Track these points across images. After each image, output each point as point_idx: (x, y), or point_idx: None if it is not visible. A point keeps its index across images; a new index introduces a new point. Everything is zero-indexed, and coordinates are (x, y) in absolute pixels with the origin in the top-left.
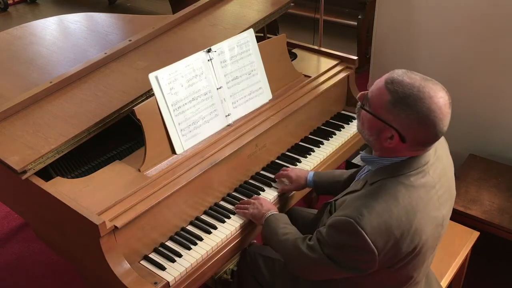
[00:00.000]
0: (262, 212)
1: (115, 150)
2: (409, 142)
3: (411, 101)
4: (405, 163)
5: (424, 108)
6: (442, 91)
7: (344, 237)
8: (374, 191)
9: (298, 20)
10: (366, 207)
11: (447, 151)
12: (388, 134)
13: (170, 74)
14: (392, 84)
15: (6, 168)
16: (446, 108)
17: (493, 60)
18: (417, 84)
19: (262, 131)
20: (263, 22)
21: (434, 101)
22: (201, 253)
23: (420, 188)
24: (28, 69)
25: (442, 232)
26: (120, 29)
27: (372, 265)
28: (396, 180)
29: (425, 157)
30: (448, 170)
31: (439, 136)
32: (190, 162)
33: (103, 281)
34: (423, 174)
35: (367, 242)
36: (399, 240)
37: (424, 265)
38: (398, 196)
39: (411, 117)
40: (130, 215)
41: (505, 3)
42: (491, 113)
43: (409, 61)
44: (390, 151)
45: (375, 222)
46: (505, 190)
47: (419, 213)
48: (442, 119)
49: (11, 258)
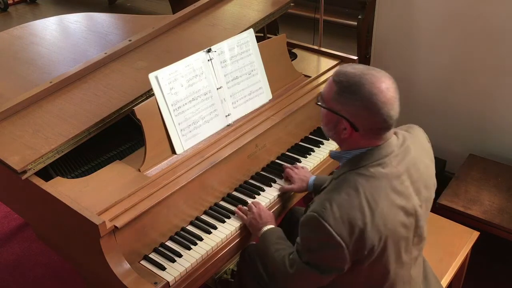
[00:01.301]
0: (260, 226)
1: (115, 150)
2: (362, 130)
3: (354, 88)
4: (364, 155)
5: (366, 93)
6: (384, 76)
7: (313, 234)
8: (337, 185)
9: (298, 20)
10: (328, 200)
11: (422, 144)
12: (342, 126)
13: (170, 74)
14: (338, 76)
15: (6, 168)
16: (390, 92)
17: (493, 60)
18: (359, 72)
19: (262, 131)
20: (263, 22)
21: (376, 85)
22: (201, 253)
23: (381, 178)
24: (28, 69)
25: (419, 223)
26: (120, 29)
27: (344, 261)
28: (357, 172)
29: (387, 149)
30: (420, 161)
31: (389, 122)
32: (190, 162)
33: (103, 281)
34: (384, 165)
35: (332, 235)
36: (364, 230)
37: (401, 258)
38: (359, 187)
39: (356, 104)
40: (130, 215)
41: (505, 3)
42: (491, 113)
43: (409, 61)
44: (349, 143)
45: (337, 214)
46: (505, 190)
47: (381, 202)
48: (386, 103)
49: (11, 258)
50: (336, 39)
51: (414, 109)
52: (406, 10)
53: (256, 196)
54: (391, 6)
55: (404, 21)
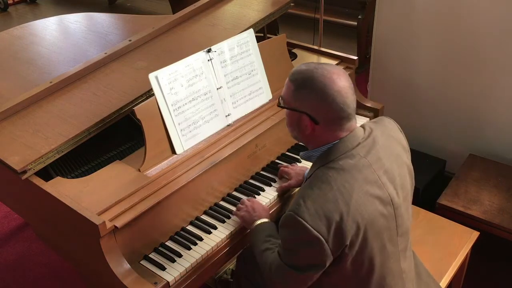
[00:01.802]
0: (253, 219)
1: (115, 150)
2: (322, 122)
3: (308, 83)
4: (331, 150)
5: (319, 84)
6: (335, 68)
7: (291, 234)
8: (309, 182)
9: (298, 20)
10: (302, 197)
11: (391, 133)
12: (304, 122)
13: (170, 74)
14: (293, 75)
15: (6, 168)
16: (342, 82)
17: (493, 60)
18: (312, 67)
19: (262, 131)
20: (263, 22)
21: (327, 76)
22: (201, 253)
23: (351, 169)
24: (28, 69)
25: (398, 212)
26: (120, 29)
27: (325, 256)
28: (327, 167)
29: (352, 141)
30: (389, 150)
31: (347, 110)
32: (190, 162)
33: (103, 281)
34: (352, 157)
35: (309, 230)
36: (341, 223)
37: (386, 249)
38: (330, 180)
39: (311, 97)
40: (130, 215)
41: (505, 3)
42: (491, 113)
43: (409, 61)
44: (314, 139)
45: (312, 209)
46: (505, 190)
47: (354, 193)
48: (340, 91)
49: (11, 258)
50: (336, 39)
51: (414, 109)
52: (406, 10)
53: (256, 196)
54: (391, 6)
55: (404, 21)
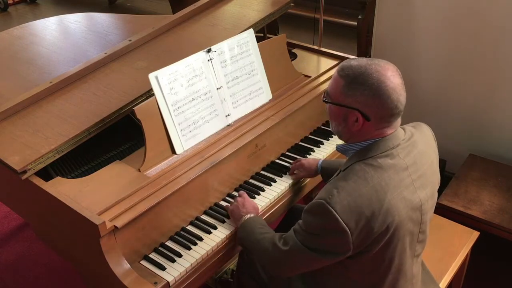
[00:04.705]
0: (241, 214)
1: (115, 150)
2: (374, 119)
3: (361, 79)
4: (372, 147)
5: (374, 81)
6: (388, 64)
7: (318, 220)
8: (345, 174)
9: (298, 20)
10: (336, 188)
11: (428, 140)
12: (353, 118)
13: (170, 74)
14: (343, 70)
15: (6, 168)
16: (396, 79)
17: (493, 60)
18: (364, 63)
19: (262, 131)
20: (263, 22)
21: (382, 73)
22: (201, 253)
23: (389, 169)
24: (28, 69)
25: (424, 219)
26: (120, 29)
27: (346, 248)
28: (364, 163)
29: (394, 140)
30: (426, 156)
31: (399, 108)
32: (190, 162)
33: (103, 281)
34: (392, 157)
35: (339, 221)
36: (371, 219)
37: (406, 253)
38: (367, 176)
39: (365, 93)
40: (130, 215)
41: (505, 2)
42: (491, 113)
43: (409, 61)
44: (359, 134)
45: (345, 201)
46: (505, 190)
47: (389, 193)
48: (395, 89)
49: (11, 258)
50: (336, 39)
51: (414, 109)
52: (406, 10)
53: (256, 196)
54: (391, 6)
55: (404, 21)
